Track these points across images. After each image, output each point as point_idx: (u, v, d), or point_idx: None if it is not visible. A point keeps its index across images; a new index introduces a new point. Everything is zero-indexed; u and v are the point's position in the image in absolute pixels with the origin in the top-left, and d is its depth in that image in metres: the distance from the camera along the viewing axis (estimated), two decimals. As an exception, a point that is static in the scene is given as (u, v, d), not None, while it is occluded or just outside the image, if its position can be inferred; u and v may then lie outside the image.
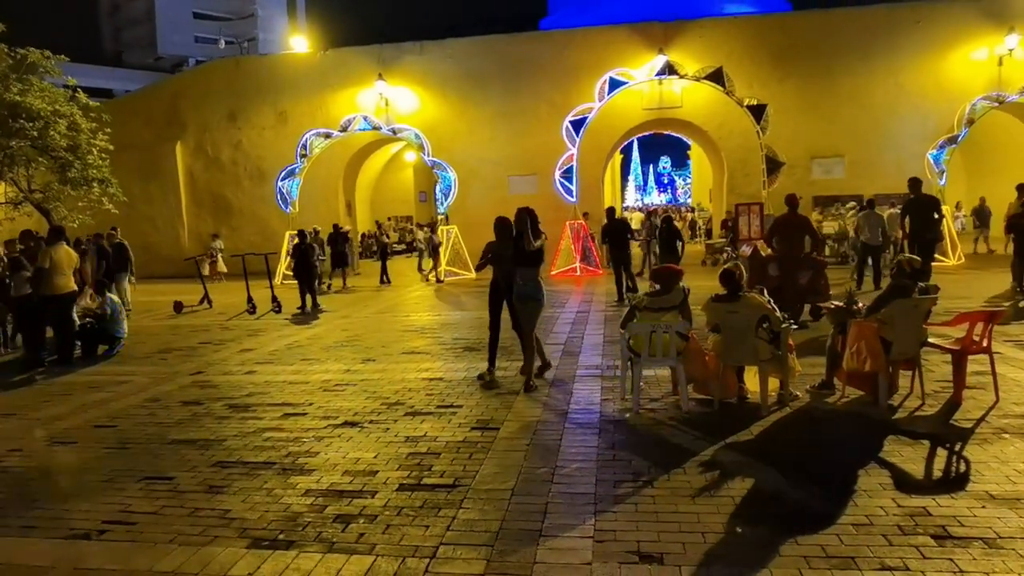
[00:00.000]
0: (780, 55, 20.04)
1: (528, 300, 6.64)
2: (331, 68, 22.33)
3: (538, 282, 6.69)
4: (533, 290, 6.65)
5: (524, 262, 6.64)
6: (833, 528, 3.55)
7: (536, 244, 6.57)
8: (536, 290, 6.67)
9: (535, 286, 6.66)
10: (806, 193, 18.48)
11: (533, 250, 6.57)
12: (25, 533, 3.95)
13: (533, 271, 6.66)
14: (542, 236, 6.67)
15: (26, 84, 17.41)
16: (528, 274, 6.65)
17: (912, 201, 10.71)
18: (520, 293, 6.67)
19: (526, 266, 6.64)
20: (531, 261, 6.63)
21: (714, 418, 5.49)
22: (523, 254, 6.62)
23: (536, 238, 6.57)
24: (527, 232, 6.53)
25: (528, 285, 6.64)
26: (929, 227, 10.52)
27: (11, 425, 6.32)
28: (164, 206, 23.68)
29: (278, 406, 6.50)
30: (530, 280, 6.64)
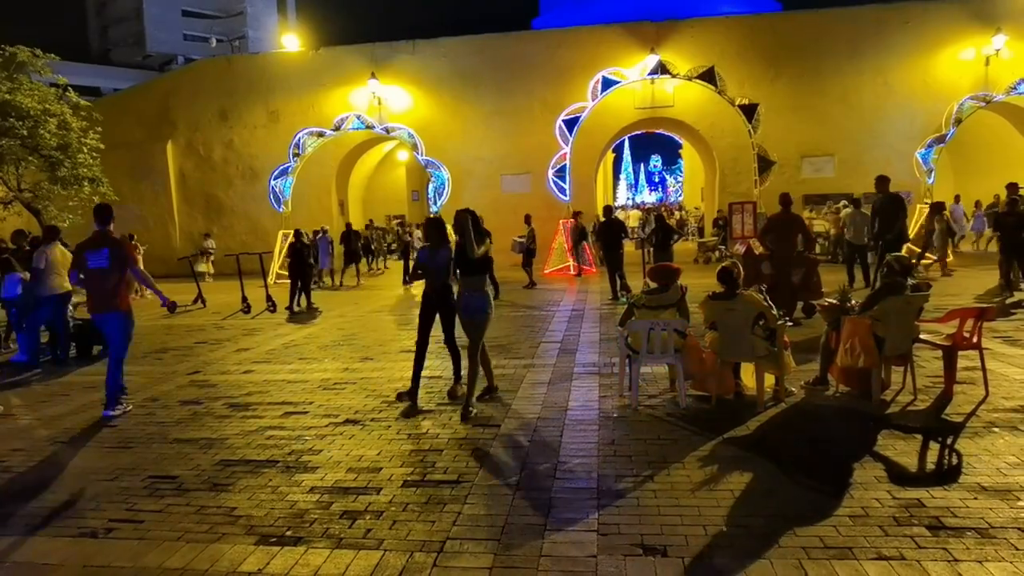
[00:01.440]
0: (771, 55, 20.22)
1: (476, 313, 5.94)
2: (323, 67, 22.31)
3: (485, 292, 6.03)
4: (481, 302, 5.97)
5: (468, 270, 6.00)
6: (830, 520, 3.63)
7: (480, 250, 5.89)
8: (484, 302, 5.98)
9: (482, 297, 5.99)
10: (797, 191, 18.63)
11: (478, 257, 5.92)
12: (33, 532, 3.98)
13: (479, 280, 6.04)
14: (487, 240, 6.03)
15: (16, 83, 17.32)
16: (474, 284, 6.00)
17: (878, 200, 10.25)
18: (466, 306, 5.99)
19: (471, 275, 6.00)
20: (476, 269, 6.01)
21: (712, 414, 5.58)
22: (467, 262, 5.96)
23: (480, 243, 5.93)
24: (469, 236, 5.86)
25: (475, 296, 5.97)
26: (889, 227, 9.95)
27: (12, 425, 6.32)
28: (155, 205, 23.61)
29: (278, 405, 6.54)
30: (476, 290, 5.99)
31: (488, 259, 6.12)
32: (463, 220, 5.90)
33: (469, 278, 6.01)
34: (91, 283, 6.50)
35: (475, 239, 5.88)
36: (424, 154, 20.08)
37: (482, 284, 6.04)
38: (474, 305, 5.96)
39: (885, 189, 10.13)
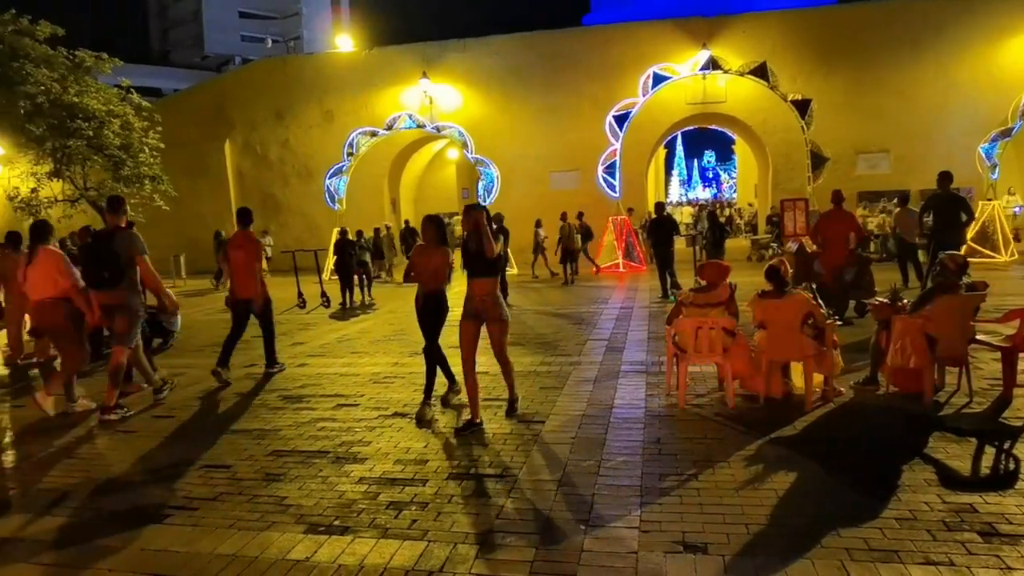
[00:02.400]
0: (825, 49, 19.71)
1: (496, 322, 5.44)
2: (376, 67, 22.68)
3: (498, 296, 5.50)
4: (493, 307, 5.43)
5: (480, 271, 5.42)
6: (876, 522, 3.58)
7: (497, 248, 5.34)
8: (498, 306, 5.46)
9: (496, 302, 5.45)
10: (851, 188, 18.18)
11: (493, 257, 5.33)
12: (95, 516, 4.19)
13: (492, 282, 5.47)
14: (500, 238, 5.58)
15: (83, 86, 18.11)
16: (485, 286, 5.43)
17: (935, 197, 9.81)
18: (477, 312, 5.45)
19: (483, 276, 5.42)
20: (489, 270, 5.44)
21: (759, 413, 5.52)
22: (480, 261, 5.37)
23: (496, 240, 5.39)
24: (487, 233, 5.29)
25: (486, 301, 5.42)
26: (954, 227, 9.49)
27: (75, 416, 6.64)
28: (213, 203, 24.36)
29: (330, 397, 6.72)
30: (488, 294, 5.42)
31: (499, 259, 5.55)
32: (474, 219, 5.34)
33: (479, 280, 5.44)
34: (235, 274, 7.71)
35: (487, 237, 5.32)
36: (474, 152, 20.23)
37: (493, 288, 5.49)
38: (487, 312, 5.43)
39: (947, 187, 9.82)
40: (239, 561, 3.52)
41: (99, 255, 6.38)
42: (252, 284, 7.62)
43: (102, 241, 6.44)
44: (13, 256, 9.34)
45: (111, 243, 6.37)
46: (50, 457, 5.39)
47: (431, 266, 5.75)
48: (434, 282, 5.81)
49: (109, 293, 6.37)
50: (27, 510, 4.36)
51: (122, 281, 6.37)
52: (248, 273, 7.61)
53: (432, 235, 5.82)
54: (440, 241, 5.82)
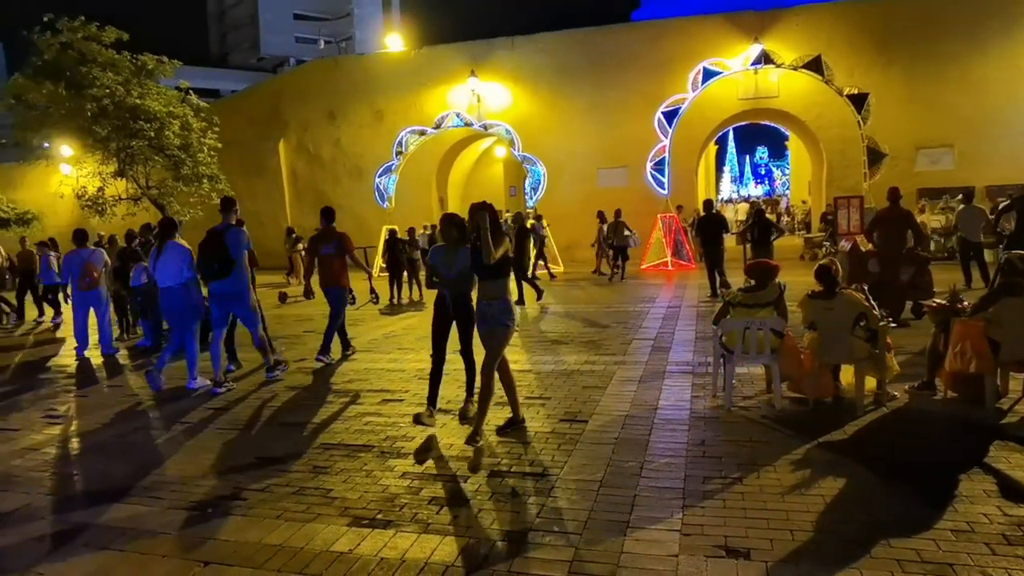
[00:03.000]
0: (883, 41, 19.03)
1: (496, 326, 5.13)
2: (425, 66, 22.89)
3: (506, 301, 5.19)
4: (500, 312, 5.14)
5: (485, 275, 5.20)
6: (930, 533, 3.45)
7: (497, 252, 5.05)
8: (504, 312, 5.14)
9: (502, 306, 5.16)
10: (911, 185, 17.52)
11: (494, 261, 5.07)
12: (151, 503, 4.36)
13: (498, 286, 5.19)
14: (504, 239, 5.16)
15: (145, 88, 18.79)
16: (492, 290, 5.17)
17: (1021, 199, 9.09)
18: (483, 316, 5.20)
19: (488, 280, 5.20)
20: (494, 274, 5.17)
21: (808, 417, 5.39)
22: (482, 265, 5.15)
23: (498, 243, 5.07)
24: (485, 237, 5.02)
25: (493, 305, 5.15)
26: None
27: (134, 405, 6.94)
28: (268, 201, 24.96)
29: (377, 392, 6.83)
30: (496, 298, 5.16)
31: (508, 262, 5.25)
32: (478, 216, 5.08)
33: (486, 284, 5.22)
34: (321, 265, 8.47)
35: (492, 239, 5.03)
36: (521, 150, 20.25)
37: (501, 291, 5.19)
38: (492, 316, 5.16)
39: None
40: (285, 551, 3.60)
41: (211, 249, 7.12)
42: (342, 274, 8.45)
43: (215, 236, 7.13)
44: (81, 253, 9.76)
45: (223, 238, 7.11)
46: (108, 446, 5.62)
47: (457, 269, 5.50)
48: (461, 284, 5.57)
49: (220, 283, 7.14)
50: (87, 498, 4.56)
51: (231, 272, 7.09)
52: (338, 264, 8.42)
53: (455, 236, 5.56)
54: (461, 241, 5.53)
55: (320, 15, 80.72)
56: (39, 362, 9.67)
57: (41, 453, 5.53)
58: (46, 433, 6.10)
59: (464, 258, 5.44)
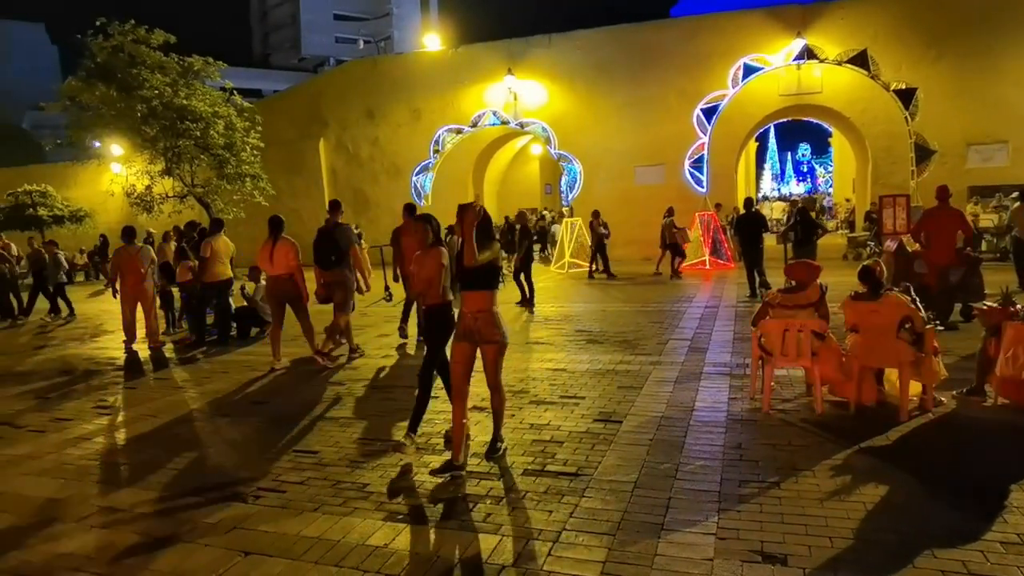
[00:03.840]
0: (932, 34, 18.46)
1: (485, 344, 4.60)
2: (462, 64, 22.99)
3: (494, 312, 4.61)
4: (487, 327, 4.56)
5: (469, 283, 4.59)
6: (977, 544, 3.35)
7: (483, 255, 4.44)
8: (492, 326, 4.57)
9: (490, 319, 4.57)
10: (961, 183, 17.00)
11: (478, 264, 4.45)
12: (194, 493, 4.48)
13: (485, 297, 4.59)
14: (493, 244, 4.59)
15: (192, 89, 19.26)
16: (477, 302, 4.58)
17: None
18: (468, 332, 4.62)
19: (472, 288, 4.59)
20: (479, 281, 4.58)
21: (849, 422, 5.27)
22: (465, 271, 4.55)
23: (484, 247, 4.48)
24: (467, 238, 4.42)
25: (479, 319, 4.57)
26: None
27: (180, 398, 7.13)
28: (308, 199, 25.36)
29: (412, 388, 6.83)
30: (481, 311, 4.58)
31: (495, 271, 4.69)
32: (465, 219, 4.47)
33: (470, 295, 4.60)
34: (405, 257, 8.74)
35: (478, 243, 4.44)
36: (557, 148, 20.21)
37: (488, 303, 4.60)
38: (478, 332, 4.58)
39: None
40: (322, 544, 3.67)
41: (326, 243, 8.22)
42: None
43: (327, 234, 8.24)
44: (128, 249, 10.05)
45: (334, 234, 8.23)
46: (153, 437, 5.78)
47: (425, 274, 4.89)
48: (432, 292, 4.91)
49: (332, 272, 8.23)
50: (131, 485, 4.70)
51: (342, 263, 8.21)
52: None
53: (423, 238, 5.00)
54: (434, 244, 5.00)
55: (360, 15, 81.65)
56: (89, 355, 9.98)
57: (92, 443, 5.72)
58: (96, 423, 6.31)
59: (436, 262, 4.90)
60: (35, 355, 10.17)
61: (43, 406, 7.05)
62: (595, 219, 16.48)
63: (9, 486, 4.81)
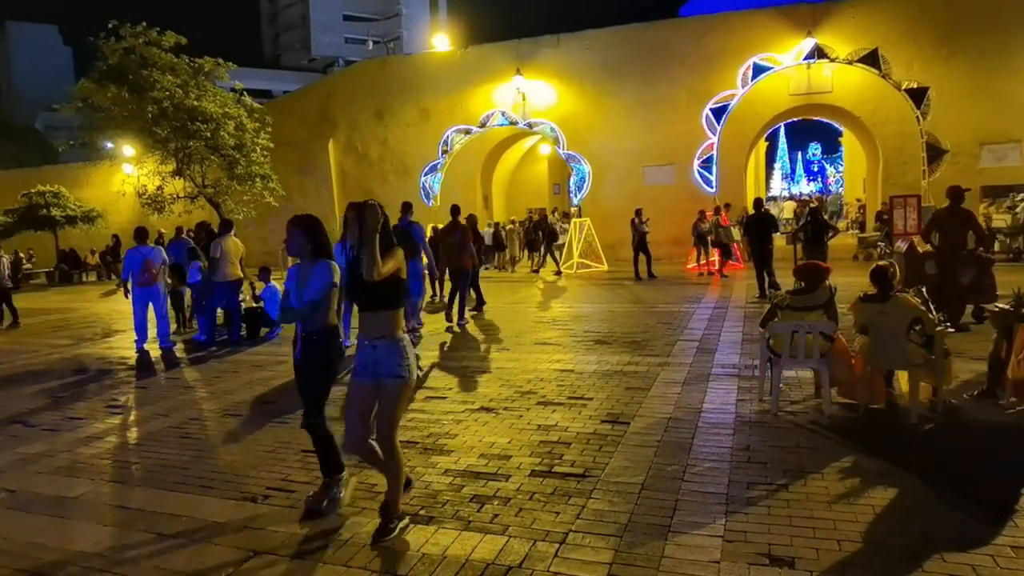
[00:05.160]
0: (945, 32, 18.30)
1: (384, 378, 3.66)
2: (470, 65, 22.99)
3: (397, 339, 3.69)
4: (388, 356, 3.65)
5: (367, 302, 3.69)
6: (987, 548, 3.33)
7: (385, 266, 3.55)
8: (395, 356, 3.66)
9: (392, 347, 3.67)
10: (974, 183, 16.83)
11: (379, 278, 3.53)
12: (204, 492, 4.52)
13: (387, 319, 3.68)
14: (396, 252, 3.67)
15: (202, 90, 19.39)
16: (377, 325, 3.68)
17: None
18: (364, 363, 3.70)
19: (371, 309, 3.70)
20: (380, 300, 3.66)
21: (858, 424, 5.25)
22: (362, 287, 3.61)
23: (387, 256, 3.59)
24: (370, 245, 3.51)
25: (379, 347, 3.66)
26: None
27: (190, 397, 7.18)
28: (318, 199, 25.42)
29: (421, 389, 6.91)
30: (382, 337, 3.67)
31: (400, 286, 3.75)
32: (358, 219, 3.59)
33: (368, 316, 3.71)
34: (448, 251, 10.90)
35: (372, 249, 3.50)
36: (566, 148, 20.18)
37: (390, 327, 3.68)
38: (378, 363, 3.67)
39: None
40: (331, 543, 3.68)
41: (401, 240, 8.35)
42: (465, 258, 10.88)
43: (403, 230, 9.16)
44: (140, 250, 10.12)
45: (408, 231, 9.38)
46: (164, 436, 5.82)
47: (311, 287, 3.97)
48: (318, 315, 3.97)
49: (411, 263, 8.66)
50: (142, 483, 4.74)
51: (414, 257, 9.28)
52: (461, 250, 10.88)
53: (303, 246, 4.06)
54: (317, 253, 4.05)
55: (369, 16, 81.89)
56: (101, 355, 10.06)
57: (104, 441, 5.77)
58: (108, 422, 6.36)
59: (322, 277, 3.96)
60: (48, 355, 10.25)
61: (56, 405, 7.11)
62: (637, 216, 16.13)
63: (23, 484, 4.86)
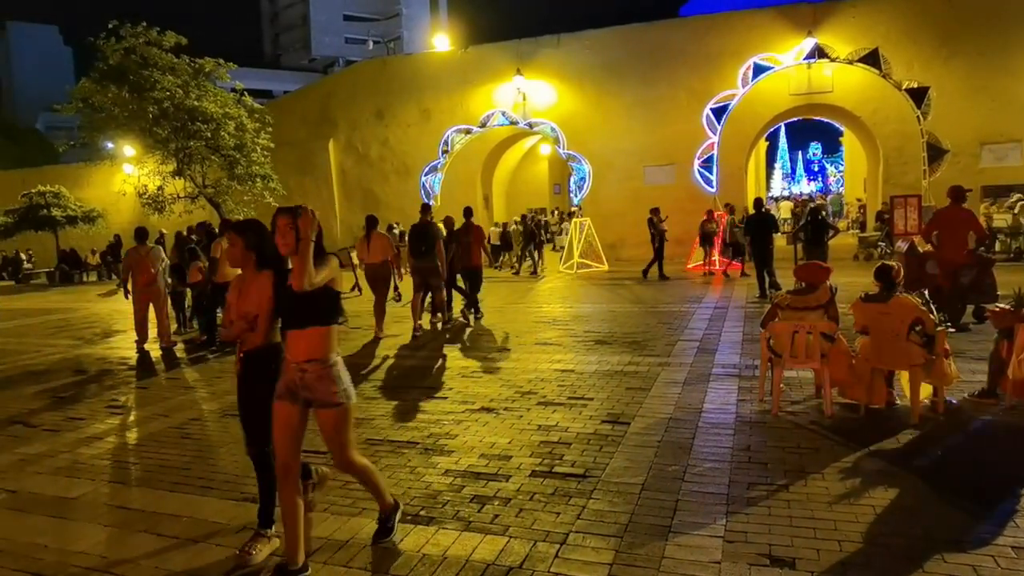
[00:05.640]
0: (945, 32, 18.28)
1: (319, 406, 3.36)
2: (471, 65, 22.98)
3: (330, 361, 3.35)
4: (319, 382, 3.32)
5: (293, 319, 3.36)
6: (989, 549, 3.32)
7: (319, 275, 3.21)
8: (327, 381, 3.33)
9: (325, 372, 3.33)
10: (975, 183, 16.84)
11: (312, 287, 3.20)
12: (204, 492, 4.52)
13: (317, 337, 3.32)
14: (331, 261, 3.33)
15: (203, 90, 19.40)
16: (307, 345, 3.33)
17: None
18: (293, 387, 3.36)
19: (297, 326, 3.33)
20: (307, 316, 3.31)
21: (859, 424, 5.25)
22: (291, 303, 3.31)
23: (320, 265, 3.24)
24: (306, 253, 3.18)
25: (308, 370, 3.32)
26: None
27: (191, 397, 7.19)
28: (318, 199, 25.41)
29: (421, 389, 6.92)
30: (313, 359, 3.32)
31: (332, 297, 3.38)
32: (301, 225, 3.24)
33: (297, 334, 3.35)
34: (460, 250, 11.09)
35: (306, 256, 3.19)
36: (566, 148, 20.18)
37: (322, 348, 3.33)
38: (308, 388, 3.34)
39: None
40: (331, 544, 3.69)
41: (420, 236, 10.04)
42: (478, 257, 11.33)
43: (421, 228, 10.14)
44: (141, 249, 10.13)
45: (427, 230, 10.09)
46: (164, 436, 5.82)
47: (245, 307, 3.58)
48: (254, 334, 3.57)
49: (424, 259, 9.98)
50: (143, 484, 4.74)
51: (432, 253, 9.96)
52: (475, 250, 11.32)
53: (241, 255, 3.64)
54: (262, 264, 3.62)
55: (369, 16, 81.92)
56: (101, 355, 10.07)
57: (104, 442, 5.78)
58: (108, 423, 6.37)
59: (260, 290, 3.57)
60: (49, 355, 10.26)
61: (57, 405, 7.12)
62: (655, 215, 15.96)
63: (24, 484, 4.86)
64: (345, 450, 3.47)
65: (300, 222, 3.23)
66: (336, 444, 3.45)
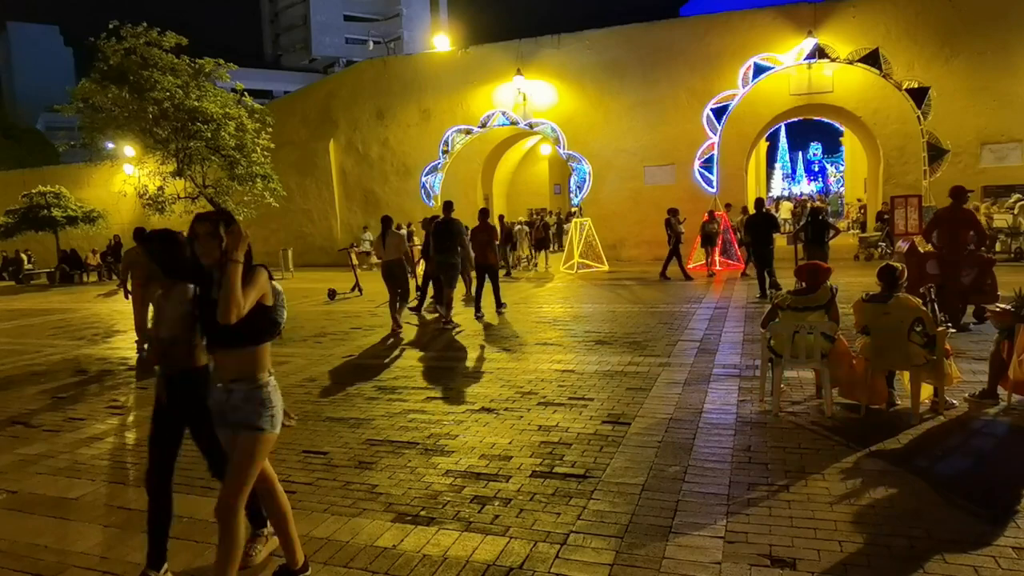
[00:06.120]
0: (946, 32, 18.27)
1: (240, 429, 3.03)
2: (471, 65, 22.98)
3: (259, 382, 3.05)
4: (245, 404, 3.02)
5: (220, 340, 3.04)
6: (989, 549, 3.32)
7: (247, 300, 2.87)
8: (253, 403, 3.03)
9: (252, 394, 3.03)
10: (975, 183, 16.85)
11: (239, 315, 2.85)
12: (204, 493, 4.50)
13: (245, 357, 3.03)
14: (259, 275, 2.98)
15: (203, 90, 19.39)
16: (234, 366, 3.04)
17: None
18: (220, 410, 3.10)
19: (226, 347, 3.04)
20: (241, 333, 2.96)
21: (860, 425, 5.24)
22: (217, 326, 2.88)
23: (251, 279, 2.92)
24: (232, 276, 2.82)
25: (235, 392, 3.03)
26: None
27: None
28: (319, 200, 25.47)
29: (421, 389, 6.91)
30: (242, 379, 3.03)
31: (263, 312, 3.03)
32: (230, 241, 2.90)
33: (222, 356, 3.08)
34: (475, 247, 11.58)
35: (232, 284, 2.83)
36: (566, 148, 20.17)
37: (250, 368, 3.04)
38: (233, 410, 3.05)
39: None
40: (331, 545, 3.69)
41: (441, 234, 10.59)
42: (492, 255, 11.85)
43: (443, 225, 10.67)
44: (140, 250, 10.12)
45: (449, 227, 10.61)
46: (166, 438, 5.81)
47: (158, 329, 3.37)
48: (177, 352, 3.33)
49: (444, 255, 10.52)
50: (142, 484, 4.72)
51: (453, 250, 10.48)
52: (488, 248, 11.77)
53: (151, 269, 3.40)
54: (172, 273, 3.34)
55: (370, 16, 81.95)
56: (102, 355, 10.07)
57: (105, 442, 5.77)
58: (109, 423, 6.36)
59: (180, 306, 3.30)
60: (49, 355, 10.26)
61: (57, 406, 7.12)
62: (673, 216, 15.86)
63: (24, 485, 4.86)
64: (240, 492, 3.00)
65: (229, 239, 2.90)
66: (236, 479, 3.00)
